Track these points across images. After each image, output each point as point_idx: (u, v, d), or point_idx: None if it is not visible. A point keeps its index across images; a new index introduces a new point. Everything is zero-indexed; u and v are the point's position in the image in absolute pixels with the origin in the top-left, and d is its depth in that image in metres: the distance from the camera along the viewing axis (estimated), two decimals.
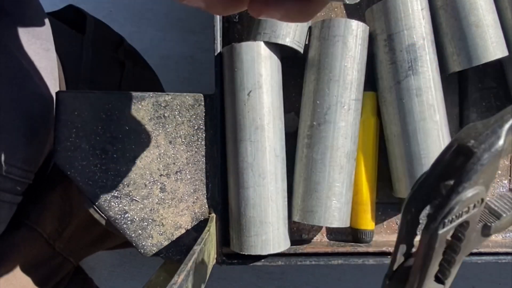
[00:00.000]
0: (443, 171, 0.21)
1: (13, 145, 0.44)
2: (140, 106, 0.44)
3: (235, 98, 0.42)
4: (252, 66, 0.42)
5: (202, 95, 0.44)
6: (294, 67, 0.47)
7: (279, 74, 0.43)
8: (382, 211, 0.48)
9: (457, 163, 0.20)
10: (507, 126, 0.20)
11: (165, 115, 0.44)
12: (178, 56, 1.09)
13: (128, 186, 0.44)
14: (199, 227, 0.44)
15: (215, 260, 0.44)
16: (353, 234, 0.47)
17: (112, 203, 0.43)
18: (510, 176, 0.48)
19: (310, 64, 0.44)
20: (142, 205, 0.44)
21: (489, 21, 0.42)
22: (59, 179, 0.56)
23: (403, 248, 0.23)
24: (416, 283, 0.22)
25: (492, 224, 0.23)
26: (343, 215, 0.44)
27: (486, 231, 0.24)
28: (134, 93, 0.44)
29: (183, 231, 0.44)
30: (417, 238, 0.23)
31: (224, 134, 0.44)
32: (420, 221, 0.22)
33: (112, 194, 0.43)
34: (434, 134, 0.43)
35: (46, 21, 0.53)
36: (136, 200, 0.44)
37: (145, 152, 0.44)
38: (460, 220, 0.21)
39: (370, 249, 0.45)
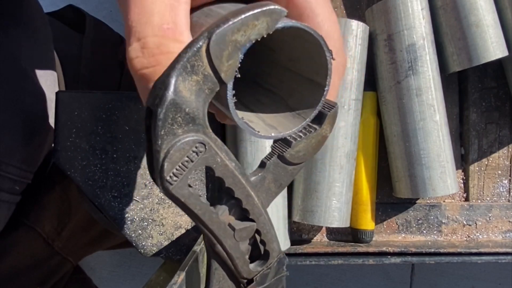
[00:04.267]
0: (147, 136, 0.21)
1: (11, 145, 0.44)
2: (140, 106, 0.44)
3: None
4: None
5: None
6: None
7: None
8: (382, 211, 0.48)
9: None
10: (174, 74, 0.19)
11: None
12: None
13: (128, 186, 0.44)
14: None
15: None
16: (353, 234, 0.47)
17: (112, 203, 0.43)
18: (510, 176, 0.49)
19: None
20: (142, 205, 0.44)
21: (489, 21, 0.42)
22: (58, 178, 0.56)
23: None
24: (207, 233, 0.23)
25: (285, 153, 0.24)
26: (343, 215, 0.44)
27: (283, 159, 0.24)
28: (134, 93, 0.44)
29: (183, 231, 0.44)
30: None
31: (224, 134, 0.44)
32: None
33: (112, 194, 0.43)
34: (434, 134, 0.43)
35: (45, 20, 0.53)
36: (136, 200, 0.44)
37: (145, 152, 0.44)
38: (187, 170, 0.20)
39: (370, 249, 0.45)
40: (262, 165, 0.25)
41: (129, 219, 0.44)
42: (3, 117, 0.43)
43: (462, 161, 0.49)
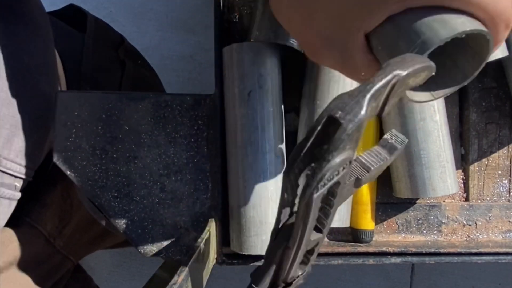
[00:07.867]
0: (317, 139, 0.22)
1: (11, 141, 0.44)
2: (140, 106, 0.44)
3: (235, 98, 0.42)
4: (252, 66, 0.42)
5: (202, 95, 0.44)
6: (294, 67, 0.47)
7: (279, 74, 0.43)
8: (382, 211, 0.48)
9: (328, 133, 0.21)
10: (368, 96, 0.21)
11: (165, 115, 0.44)
12: (178, 56, 1.09)
13: (128, 186, 0.44)
14: (199, 227, 0.44)
15: (215, 260, 0.44)
16: (353, 234, 0.47)
17: (112, 203, 0.43)
18: (510, 176, 0.49)
19: (310, 64, 0.44)
20: (142, 205, 0.44)
21: None
22: (60, 177, 0.56)
23: (286, 209, 0.25)
24: (298, 238, 0.24)
25: (363, 177, 0.26)
26: (343, 215, 0.44)
27: (357, 183, 0.26)
28: (134, 93, 0.44)
29: (183, 231, 0.44)
30: (297, 199, 0.25)
31: (224, 134, 0.44)
32: (299, 184, 0.23)
33: (112, 194, 0.43)
34: (434, 134, 0.43)
35: (46, 18, 0.53)
36: (136, 200, 0.44)
37: (145, 152, 0.44)
38: (332, 182, 0.22)
39: (370, 249, 0.45)
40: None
41: (129, 219, 0.44)
42: (3, 112, 0.43)
43: (462, 161, 0.49)
